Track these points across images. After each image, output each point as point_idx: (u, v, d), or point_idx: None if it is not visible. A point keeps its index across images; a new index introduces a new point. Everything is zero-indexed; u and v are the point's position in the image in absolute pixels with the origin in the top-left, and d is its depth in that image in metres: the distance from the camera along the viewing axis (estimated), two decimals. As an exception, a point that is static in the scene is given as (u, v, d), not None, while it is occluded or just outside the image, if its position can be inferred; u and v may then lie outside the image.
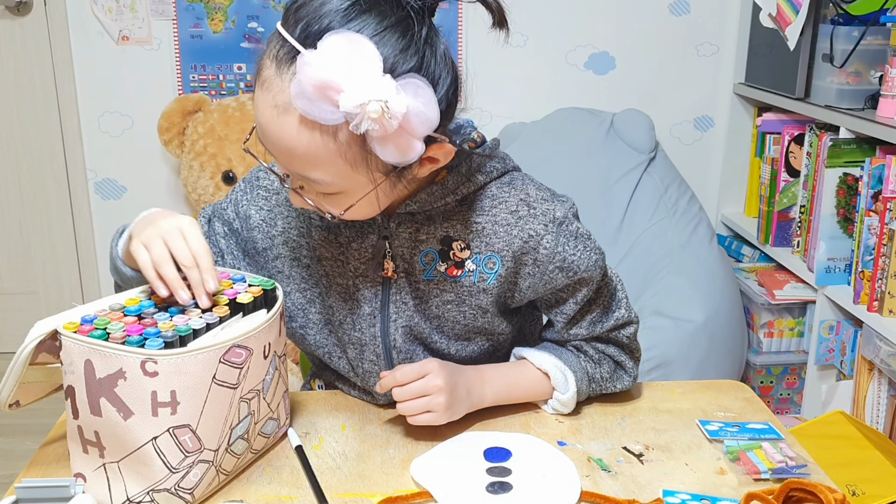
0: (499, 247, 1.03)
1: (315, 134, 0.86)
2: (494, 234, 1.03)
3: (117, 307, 0.92)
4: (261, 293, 0.97)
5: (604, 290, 1.09)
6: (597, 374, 1.10)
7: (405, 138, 0.86)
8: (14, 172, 2.82)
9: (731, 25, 2.72)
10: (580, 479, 0.95)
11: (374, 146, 0.86)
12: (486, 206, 1.03)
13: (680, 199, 2.46)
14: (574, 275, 1.04)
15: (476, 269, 1.04)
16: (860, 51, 2.06)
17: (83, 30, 2.70)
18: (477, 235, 1.03)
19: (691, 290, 2.25)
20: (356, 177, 0.91)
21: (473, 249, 1.03)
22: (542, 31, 2.75)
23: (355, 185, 0.92)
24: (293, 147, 0.88)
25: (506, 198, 1.03)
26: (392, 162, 0.88)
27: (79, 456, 0.89)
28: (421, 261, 1.04)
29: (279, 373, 0.98)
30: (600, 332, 1.10)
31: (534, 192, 1.04)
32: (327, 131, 0.86)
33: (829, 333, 2.15)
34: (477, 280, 1.04)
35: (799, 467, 0.96)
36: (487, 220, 1.03)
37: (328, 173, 0.89)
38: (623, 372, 1.13)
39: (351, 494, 0.93)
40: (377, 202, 0.96)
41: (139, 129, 2.77)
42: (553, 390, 1.09)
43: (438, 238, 1.03)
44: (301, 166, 0.90)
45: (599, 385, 1.11)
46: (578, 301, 1.07)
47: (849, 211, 2.05)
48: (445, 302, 1.05)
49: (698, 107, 2.84)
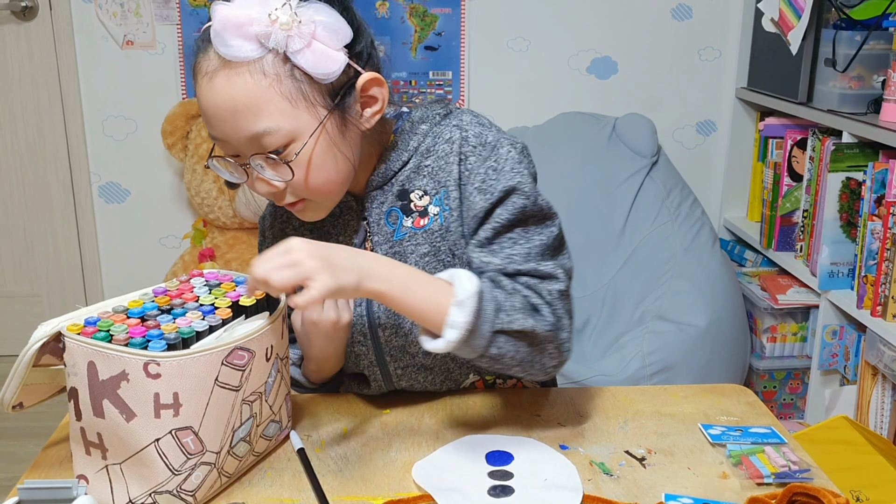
0: (444, 178, 1.04)
1: (245, 77, 0.93)
2: (440, 170, 1.04)
3: (120, 309, 0.92)
4: (263, 296, 0.97)
5: (532, 231, 1.02)
6: (507, 303, 0.96)
7: (321, 49, 0.94)
8: (18, 175, 2.83)
9: (733, 30, 2.72)
10: (582, 482, 0.94)
11: (297, 61, 0.93)
12: (430, 145, 1.06)
13: (682, 203, 2.46)
14: (490, 196, 1.01)
15: (439, 210, 1.04)
16: (863, 55, 2.06)
17: (88, 34, 2.71)
18: (429, 177, 1.05)
19: (694, 294, 2.25)
20: (299, 114, 0.95)
21: (430, 193, 1.05)
22: (545, 35, 2.75)
23: (301, 124, 0.95)
24: (234, 102, 0.93)
25: (442, 131, 1.06)
26: (317, 74, 0.94)
27: (81, 458, 0.89)
28: (388, 223, 1.06)
29: (281, 375, 0.98)
30: (516, 269, 1.00)
31: (468, 118, 1.07)
32: (255, 69, 0.93)
33: (833, 338, 2.14)
34: (443, 221, 1.04)
35: (802, 471, 0.96)
36: (433, 158, 1.05)
37: (272, 117, 0.94)
38: (539, 315, 0.98)
39: (353, 497, 0.93)
40: (334, 154, 0.98)
41: (143, 133, 2.78)
42: None
43: (395, 194, 1.06)
44: (246, 123, 0.94)
45: (509, 315, 0.95)
46: (496, 227, 1.01)
47: (852, 215, 2.05)
48: (422, 255, 1.05)
49: (701, 111, 2.84)
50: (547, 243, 1.03)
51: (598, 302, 2.34)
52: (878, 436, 1.77)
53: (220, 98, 0.94)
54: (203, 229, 2.74)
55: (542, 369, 1.02)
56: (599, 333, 2.29)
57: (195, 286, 0.99)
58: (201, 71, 0.96)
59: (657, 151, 2.53)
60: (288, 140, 0.95)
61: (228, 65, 0.93)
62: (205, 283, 1.00)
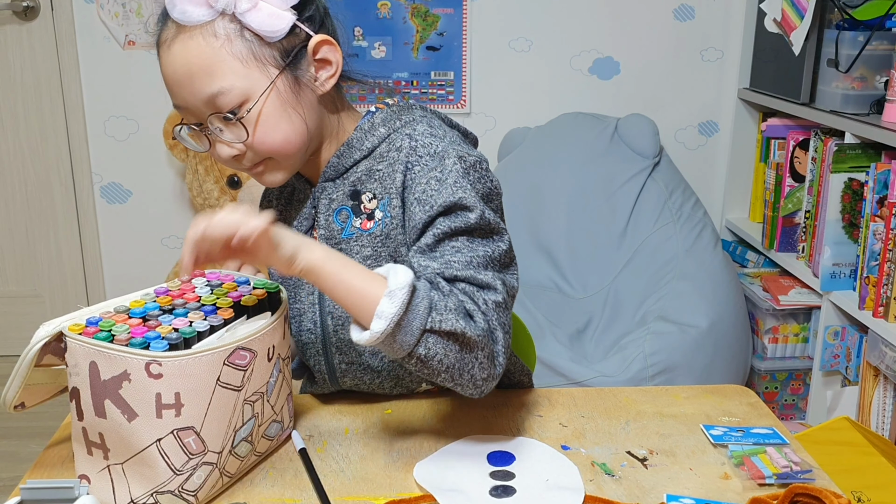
0: (391, 187, 1.04)
1: (199, 40, 0.97)
2: (389, 176, 1.04)
3: (122, 309, 0.92)
4: (264, 296, 0.97)
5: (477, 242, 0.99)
6: (440, 303, 0.92)
7: (268, 9, 0.98)
8: (20, 176, 2.83)
9: (735, 30, 2.72)
10: (584, 483, 0.94)
11: (245, 21, 0.97)
12: (384, 150, 1.06)
13: (684, 204, 2.46)
14: (429, 209, 0.99)
15: (383, 216, 1.05)
16: (865, 56, 2.05)
17: (89, 34, 2.71)
18: (379, 182, 1.05)
19: (696, 295, 2.24)
20: (251, 73, 0.98)
21: (378, 197, 1.06)
22: (547, 36, 2.75)
23: (254, 83, 0.98)
24: (189, 65, 0.97)
25: (396, 138, 1.06)
26: (265, 33, 0.97)
27: (83, 457, 0.89)
28: (337, 220, 1.07)
29: (283, 375, 0.98)
30: (454, 274, 0.96)
31: (422, 128, 1.05)
32: (207, 32, 0.97)
33: (835, 339, 2.14)
34: (384, 227, 1.04)
35: (804, 472, 0.96)
36: (384, 164, 1.05)
37: (225, 76, 0.97)
38: (472, 320, 0.95)
39: (354, 497, 0.93)
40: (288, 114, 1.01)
41: (145, 134, 2.78)
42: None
43: (347, 193, 1.07)
44: (201, 85, 0.97)
45: (440, 315, 0.91)
46: (437, 235, 0.99)
47: (854, 216, 2.05)
48: (365, 258, 1.05)
49: (703, 112, 2.84)
50: (492, 255, 1.00)
51: (599, 303, 2.34)
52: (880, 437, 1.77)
53: (177, 63, 0.98)
54: (205, 229, 2.74)
55: (471, 380, 0.96)
56: (601, 334, 2.29)
57: (197, 286, 0.99)
58: (161, 41, 1.00)
59: (659, 152, 2.53)
60: (241, 100, 0.98)
61: (182, 30, 0.98)
62: (206, 283, 1.00)
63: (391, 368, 1.11)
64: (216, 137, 1.01)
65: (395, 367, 1.11)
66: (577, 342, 2.26)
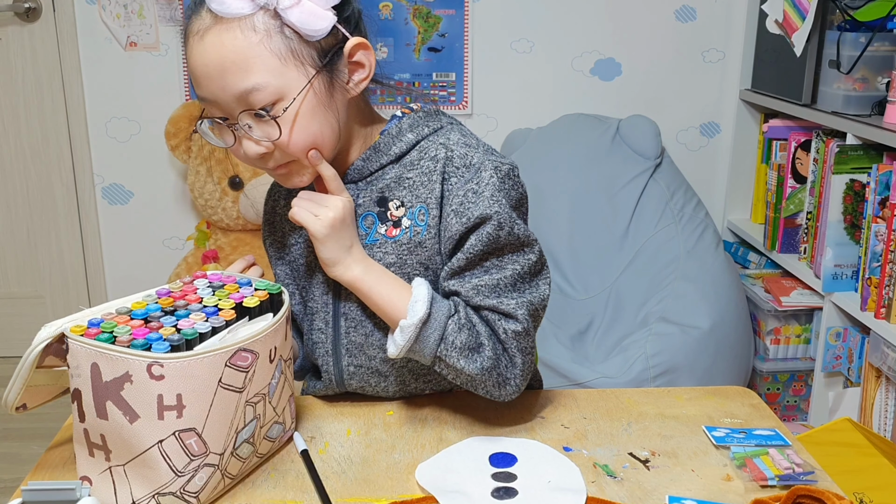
0: (424, 196, 1.04)
1: (236, 33, 0.94)
2: (421, 185, 1.04)
3: (124, 311, 0.92)
4: (266, 297, 0.97)
5: (507, 259, 1.03)
6: (451, 337, 0.99)
7: (311, 7, 0.95)
8: (22, 177, 2.83)
9: (737, 32, 2.72)
10: (586, 484, 0.94)
11: (287, 18, 0.94)
12: (415, 159, 1.06)
13: (686, 205, 2.46)
14: (465, 220, 1.00)
15: (411, 224, 1.05)
16: (867, 57, 2.05)
17: (91, 36, 2.71)
18: (409, 190, 1.05)
19: (697, 296, 2.24)
20: (287, 71, 0.96)
21: (407, 205, 1.05)
22: (548, 37, 2.75)
23: (290, 81, 0.97)
24: (223, 58, 0.94)
25: (429, 147, 1.06)
26: (306, 31, 0.96)
27: (85, 459, 0.89)
28: (362, 225, 1.07)
29: (285, 377, 0.98)
30: (478, 303, 1.01)
31: (455, 137, 1.06)
32: (246, 26, 0.94)
33: (836, 340, 2.14)
34: (412, 235, 1.05)
35: (806, 474, 0.96)
36: (416, 173, 1.05)
37: (260, 72, 0.95)
38: (477, 354, 1.00)
39: (356, 499, 0.93)
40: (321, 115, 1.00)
41: (146, 135, 2.78)
42: None
43: (375, 199, 1.07)
44: (235, 80, 0.95)
45: (447, 350, 0.99)
46: (469, 257, 1.01)
47: (856, 217, 2.05)
48: (389, 265, 1.05)
49: (704, 113, 2.84)
50: (521, 272, 1.03)
51: (601, 304, 2.34)
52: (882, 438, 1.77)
53: (210, 55, 0.95)
54: (206, 231, 2.74)
55: (488, 394, 1.04)
56: (603, 335, 2.29)
57: (199, 287, 0.99)
58: (192, 31, 0.98)
59: (661, 153, 2.53)
60: (276, 98, 0.96)
61: (220, 21, 0.95)
62: (208, 284, 1.00)
63: (399, 374, 1.11)
64: (244, 134, 0.99)
65: (402, 373, 1.11)
66: (579, 343, 2.26)
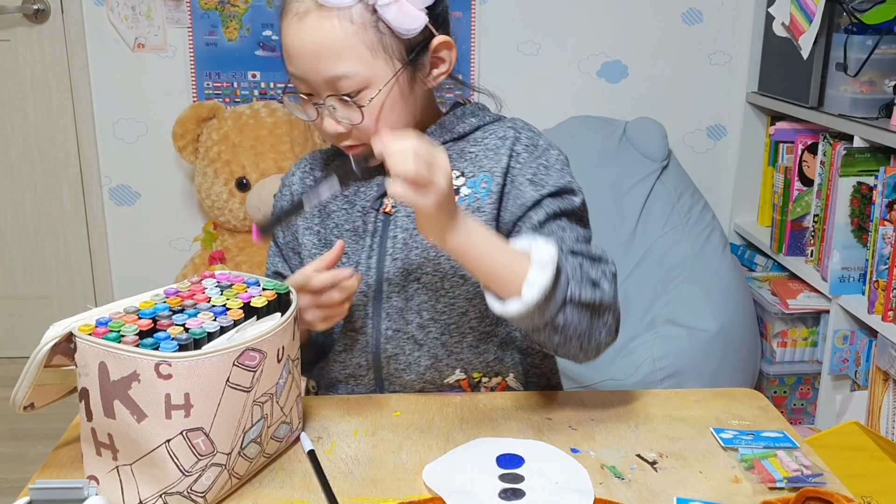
0: (489, 166, 1.11)
1: (334, 22, 1.01)
2: (485, 157, 1.12)
3: (132, 310, 0.92)
4: (274, 297, 0.97)
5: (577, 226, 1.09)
6: (576, 274, 0.99)
7: (407, 7, 1.02)
8: (29, 178, 2.84)
9: (744, 34, 2.72)
10: (593, 486, 0.94)
11: (383, 14, 1.01)
12: (479, 137, 1.14)
13: (693, 207, 2.45)
14: (542, 188, 1.08)
15: (471, 192, 1.11)
16: (874, 60, 2.05)
17: (99, 37, 2.72)
18: (470, 162, 1.12)
19: (704, 299, 2.24)
20: (377, 63, 1.03)
21: (467, 175, 1.12)
22: (555, 39, 2.75)
23: (378, 73, 1.03)
24: (318, 43, 1.01)
25: (495, 129, 1.14)
26: (400, 29, 1.02)
27: (92, 458, 0.90)
28: None
29: (292, 377, 0.98)
30: (570, 248, 1.03)
31: (521, 124, 1.15)
32: (344, 16, 1.01)
33: (844, 343, 2.13)
34: (472, 201, 1.10)
35: (815, 476, 0.95)
36: (479, 148, 1.13)
37: (352, 62, 1.02)
38: (598, 288, 1.01)
39: (363, 499, 0.93)
40: (402, 105, 1.06)
41: (154, 136, 2.79)
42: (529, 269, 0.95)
43: None
44: (327, 65, 1.01)
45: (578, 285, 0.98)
46: (547, 213, 1.07)
47: (863, 220, 2.04)
48: None
49: (711, 115, 2.83)
50: (589, 238, 1.10)
51: (607, 306, 2.34)
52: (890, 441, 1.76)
53: (307, 39, 1.02)
54: (213, 232, 2.75)
55: (596, 346, 1.03)
56: (609, 338, 2.28)
57: (207, 287, 0.99)
58: (291, 10, 1.03)
59: (667, 156, 2.53)
60: (362, 86, 1.03)
61: (321, 8, 1.01)
62: (216, 284, 1.00)
63: (433, 346, 1.13)
64: (328, 114, 1.06)
65: (436, 346, 1.14)
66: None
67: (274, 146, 2.55)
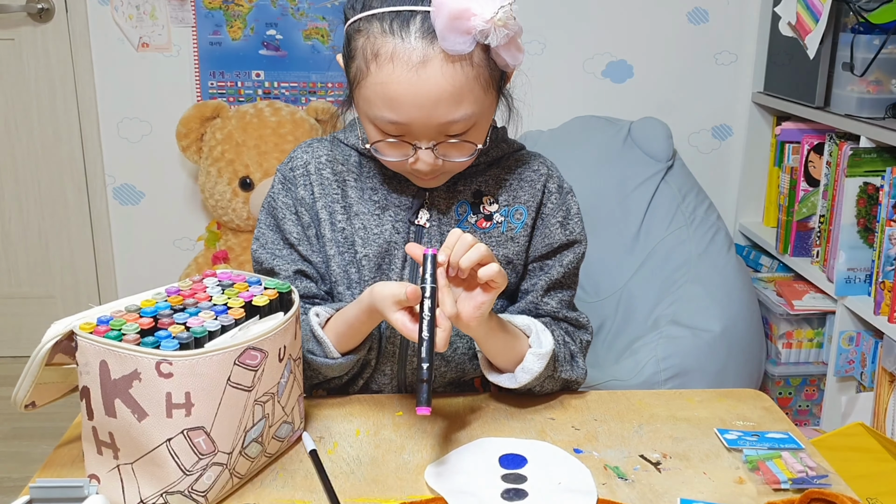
0: (525, 199, 1.15)
1: (457, 66, 0.97)
2: (521, 189, 1.15)
3: (133, 308, 0.92)
4: (276, 296, 0.96)
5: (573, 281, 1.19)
6: (560, 354, 1.12)
7: (517, 44, 1.00)
8: (34, 177, 2.84)
9: (749, 34, 2.71)
10: (596, 486, 0.94)
11: (500, 53, 0.98)
12: (513, 165, 1.17)
13: (698, 208, 2.44)
14: (570, 234, 1.15)
15: (504, 220, 1.14)
16: (881, 59, 2.04)
17: (103, 36, 2.72)
18: (505, 190, 1.15)
19: (709, 299, 2.23)
20: (485, 99, 1.02)
21: (501, 203, 1.15)
22: (560, 38, 2.74)
23: (484, 109, 1.03)
24: (440, 91, 0.97)
25: (528, 160, 1.18)
26: (513, 64, 1.01)
27: (93, 457, 0.89)
28: (456, 211, 1.12)
29: (294, 376, 0.97)
30: (564, 315, 1.17)
31: (549, 161, 1.20)
32: (466, 60, 0.98)
33: (849, 344, 2.12)
34: (505, 230, 1.14)
35: (820, 477, 0.95)
36: (514, 178, 1.16)
37: (470, 104, 1.00)
38: (574, 363, 1.15)
39: (365, 499, 0.92)
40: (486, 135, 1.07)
41: (158, 135, 2.79)
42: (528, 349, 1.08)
43: (472, 191, 1.14)
44: (446, 110, 0.98)
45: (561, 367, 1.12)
46: (564, 265, 1.15)
47: (869, 221, 2.03)
48: None
49: (717, 115, 2.82)
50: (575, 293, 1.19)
51: (612, 306, 2.33)
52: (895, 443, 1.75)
53: (427, 87, 0.97)
54: (217, 231, 2.75)
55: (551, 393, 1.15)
56: (613, 338, 2.28)
57: (208, 286, 0.99)
58: (401, 59, 0.96)
59: (672, 156, 2.52)
60: (473, 124, 1.02)
61: (444, 56, 0.96)
62: (218, 283, 1.00)
63: (460, 362, 1.17)
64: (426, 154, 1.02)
65: (463, 361, 1.17)
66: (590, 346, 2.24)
67: (277, 145, 2.55)
